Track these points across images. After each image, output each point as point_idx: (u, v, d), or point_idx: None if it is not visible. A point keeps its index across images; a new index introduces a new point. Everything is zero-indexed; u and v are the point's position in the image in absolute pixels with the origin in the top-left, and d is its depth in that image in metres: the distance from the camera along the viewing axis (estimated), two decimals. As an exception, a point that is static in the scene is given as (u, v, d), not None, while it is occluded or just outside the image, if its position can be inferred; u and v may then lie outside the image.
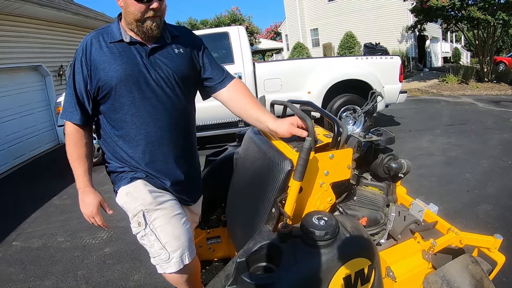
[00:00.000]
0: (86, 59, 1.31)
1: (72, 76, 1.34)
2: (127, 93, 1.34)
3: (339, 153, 1.18)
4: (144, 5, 1.26)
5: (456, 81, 12.62)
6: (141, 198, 1.35)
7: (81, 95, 1.34)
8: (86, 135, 1.39)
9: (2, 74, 6.10)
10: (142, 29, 1.31)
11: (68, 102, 1.36)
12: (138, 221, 1.34)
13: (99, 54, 1.32)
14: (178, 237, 1.36)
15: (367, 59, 5.93)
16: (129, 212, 1.36)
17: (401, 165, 1.57)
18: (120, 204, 1.40)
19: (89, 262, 2.82)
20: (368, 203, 1.58)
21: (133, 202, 1.35)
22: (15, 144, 6.28)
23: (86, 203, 1.39)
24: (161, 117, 1.39)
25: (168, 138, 1.42)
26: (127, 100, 1.35)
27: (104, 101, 1.36)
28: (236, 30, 5.61)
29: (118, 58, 1.32)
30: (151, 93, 1.36)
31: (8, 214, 4.08)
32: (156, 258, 1.37)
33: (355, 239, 1.00)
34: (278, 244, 0.95)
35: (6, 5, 5.70)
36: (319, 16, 22.01)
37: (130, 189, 1.37)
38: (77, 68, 1.33)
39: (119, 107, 1.35)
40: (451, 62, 21.83)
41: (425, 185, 3.85)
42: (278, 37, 31.74)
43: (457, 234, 1.55)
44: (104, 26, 1.42)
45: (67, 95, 1.36)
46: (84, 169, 1.38)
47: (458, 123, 6.73)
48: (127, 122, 1.37)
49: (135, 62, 1.34)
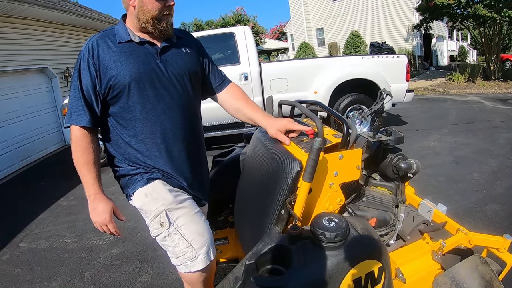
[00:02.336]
0: (93, 60, 1.29)
1: (77, 79, 1.31)
2: (141, 91, 1.33)
3: (349, 154, 1.16)
4: (162, 3, 1.29)
5: (462, 80, 12.53)
6: (161, 198, 1.33)
7: (89, 96, 1.31)
8: (94, 140, 1.36)
9: (9, 76, 6.15)
10: (159, 27, 1.33)
11: (74, 106, 1.31)
12: (161, 221, 1.32)
13: (109, 54, 1.30)
14: (202, 234, 1.36)
15: (373, 58, 5.89)
16: (149, 213, 1.33)
17: (410, 165, 1.56)
18: (139, 206, 1.37)
19: (96, 263, 2.83)
20: (377, 204, 1.56)
21: (153, 203, 1.33)
22: (22, 146, 6.32)
23: (98, 211, 1.34)
24: (175, 115, 1.40)
25: (182, 135, 1.43)
26: (141, 98, 1.34)
27: (115, 100, 1.34)
28: (242, 30, 5.60)
29: (130, 57, 1.32)
30: (164, 90, 1.37)
31: (15, 215, 4.10)
32: (181, 258, 1.34)
33: (365, 241, 0.98)
34: (288, 246, 0.94)
35: (12, 8, 5.74)
36: (324, 16, 21.94)
37: (149, 190, 1.35)
38: (84, 69, 1.30)
39: (133, 105, 1.34)
40: (457, 60, 21.67)
41: (433, 185, 3.81)
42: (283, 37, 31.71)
43: (466, 234, 1.54)
44: (106, 28, 1.41)
45: (73, 99, 1.32)
46: (93, 175, 1.33)
47: (466, 122, 6.66)
48: (142, 121, 1.36)
49: (148, 61, 1.35)
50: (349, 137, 1.18)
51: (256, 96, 5.57)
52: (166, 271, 2.60)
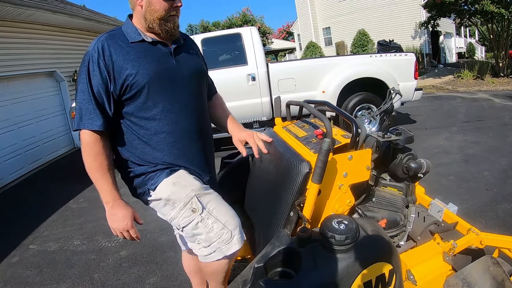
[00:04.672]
0: (105, 60, 1.26)
1: (86, 81, 1.26)
2: (161, 91, 1.33)
3: (358, 154, 1.15)
4: (169, 3, 1.29)
5: (471, 77, 12.37)
6: (190, 185, 1.33)
7: (101, 98, 1.27)
8: (107, 143, 1.32)
9: (18, 80, 6.23)
10: (165, 28, 1.32)
11: (84, 109, 1.26)
12: (193, 207, 1.30)
13: (122, 53, 1.28)
14: (233, 215, 1.35)
15: (381, 56, 5.84)
16: (179, 201, 1.31)
17: (421, 164, 1.54)
18: (166, 196, 1.32)
19: (105, 265, 2.84)
20: (387, 204, 1.54)
21: (183, 190, 1.31)
22: (32, 149, 6.38)
23: (118, 217, 1.29)
24: (191, 114, 1.41)
25: (198, 134, 1.44)
26: (160, 98, 1.33)
27: (132, 100, 1.31)
28: (249, 31, 5.59)
29: (146, 57, 1.31)
30: (181, 90, 1.38)
31: (25, 218, 4.14)
32: (215, 243, 1.31)
33: (376, 243, 0.97)
34: (297, 249, 0.93)
35: (20, 13, 5.81)
36: (331, 15, 21.85)
37: (176, 179, 1.33)
38: (94, 71, 1.26)
39: (152, 105, 1.32)
40: (466, 57, 21.44)
41: (443, 184, 3.76)
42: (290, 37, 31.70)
43: (478, 234, 1.53)
44: (111, 30, 1.38)
45: (82, 101, 1.27)
46: (110, 181, 1.29)
47: (475, 120, 6.57)
48: (162, 120, 1.34)
49: (165, 61, 1.35)
50: (358, 137, 1.16)
51: (264, 97, 5.56)
52: (175, 273, 2.60)
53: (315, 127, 1.41)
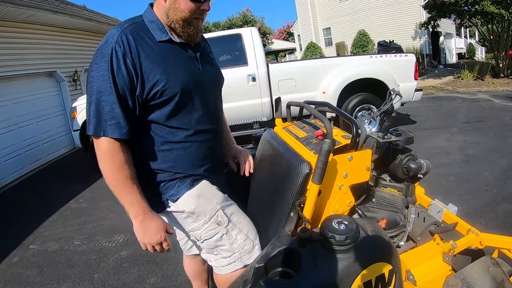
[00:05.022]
0: (132, 57, 1.11)
1: (109, 79, 1.08)
2: (191, 98, 1.24)
3: (358, 155, 1.15)
4: (196, 5, 1.17)
5: (471, 78, 12.38)
6: (215, 197, 1.27)
7: (126, 101, 1.12)
8: (129, 151, 1.18)
9: (18, 80, 6.24)
10: (188, 31, 1.22)
11: (106, 113, 1.09)
12: (218, 220, 1.25)
13: (151, 54, 1.15)
14: (253, 225, 1.34)
15: (381, 57, 5.85)
16: (204, 215, 1.25)
17: (421, 165, 1.54)
18: (190, 210, 1.25)
19: (105, 265, 2.85)
20: (387, 205, 1.54)
21: (208, 203, 1.25)
22: (32, 149, 6.40)
23: (151, 230, 1.18)
24: (216, 121, 1.38)
25: (219, 141, 1.42)
26: (190, 106, 1.24)
27: (158, 107, 1.19)
28: (249, 31, 5.60)
29: (175, 60, 1.21)
30: (207, 97, 1.31)
31: (25, 218, 4.15)
32: (237, 253, 1.28)
33: (376, 244, 0.98)
34: (297, 249, 0.93)
35: (20, 13, 5.81)
36: (332, 15, 21.87)
37: (200, 191, 1.26)
38: (119, 68, 1.09)
39: (180, 113, 1.22)
40: (466, 58, 21.45)
41: (443, 185, 3.77)
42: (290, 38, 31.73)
43: (477, 235, 1.52)
44: (133, 19, 1.22)
45: (102, 103, 1.09)
46: (138, 193, 1.16)
47: (475, 121, 6.58)
48: (188, 129, 1.25)
49: (192, 66, 1.26)
50: (359, 138, 1.17)
51: (264, 97, 5.57)
52: (175, 273, 2.61)
53: (316, 127, 1.42)
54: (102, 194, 4.60)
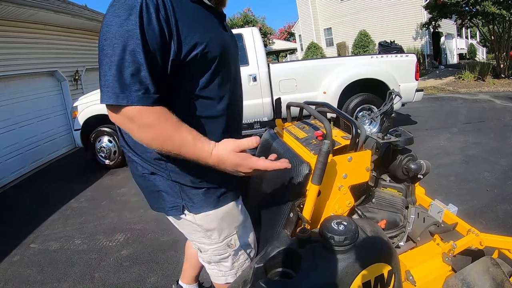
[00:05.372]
0: (166, 12, 0.91)
1: (138, 35, 0.87)
2: (226, 67, 1.09)
3: (358, 155, 1.16)
4: None
5: (472, 78, 12.37)
6: (236, 221, 1.19)
7: (157, 63, 0.92)
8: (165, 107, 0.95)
9: (19, 80, 6.24)
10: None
11: (131, 76, 0.87)
12: (230, 243, 1.19)
13: (186, 13, 0.97)
14: (255, 243, 1.30)
15: (382, 57, 5.86)
16: (219, 236, 1.16)
17: (420, 166, 1.55)
18: (207, 228, 1.14)
19: (106, 265, 2.85)
20: (387, 205, 1.55)
21: (227, 227, 1.17)
22: (33, 148, 6.40)
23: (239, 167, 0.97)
24: (241, 97, 1.25)
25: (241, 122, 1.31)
26: (226, 75, 1.10)
27: (193, 75, 1.01)
28: (250, 31, 5.60)
29: (207, 23, 1.05)
30: (235, 68, 1.18)
31: (26, 217, 4.15)
32: (235, 270, 1.26)
33: (375, 244, 0.98)
34: (297, 249, 0.94)
35: (21, 13, 5.82)
36: (332, 16, 21.89)
37: (225, 212, 1.15)
38: (150, 24, 0.88)
39: (217, 83, 1.06)
40: (467, 58, 21.44)
41: (443, 185, 3.76)
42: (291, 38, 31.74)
43: (477, 235, 1.52)
44: None
45: (127, 64, 0.87)
46: (195, 133, 0.95)
47: (476, 121, 6.58)
48: (224, 102, 1.10)
49: (222, 32, 1.12)
50: (358, 138, 1.17)
51: (265, 97, 5.57)
52: (175, 272, 2.61)
53: (315, 128, 1.42)
54: (102, 194, 4.61)
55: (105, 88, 0.88)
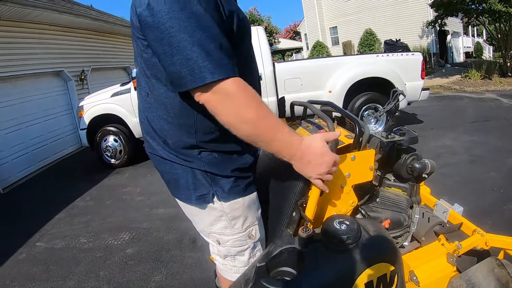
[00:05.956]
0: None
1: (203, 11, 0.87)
2: (249, 43, 1.07)
3: (361, 155, 1.15)
4: None
5: (479, 77, 12.26)
6: (257, 211, 1.21)
7: (224, 33, 0.92)
8: None
9: (26, 80, 6.30)
10: None
11: (215, 51, 0.87)
12: (251, 234, 1.19)
13: None
14: (264, 238, 1.29)
15: (387, 56, 5.84)
16: (242, 225, 1.17)
17: (425, 165, 1.53)
18: (233, 216, 1.14)
19: (111, 263, 2.87)
20: (391, 205, 1.54)
21: (251, 217, 1.18)
22: (39, 148, 6.46)
23: (324, 156, 0.96)
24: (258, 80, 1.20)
25: None
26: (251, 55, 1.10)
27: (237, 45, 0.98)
28: (255, 30, 5.59)
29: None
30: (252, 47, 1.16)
31: (32, 216, 4.19)
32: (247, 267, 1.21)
33: (378, 244, 0.98)
34: (299, 248, 0.93)
35: (27, 13, 5.87)
36: (338, 14, 21.84)
37: (251, 201, 1.17)
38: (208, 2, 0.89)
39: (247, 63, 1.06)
40: (473, 57, 21.26)
41: (449, 185, 3.73)
42: (297, 37, 31.68)
43: (483, 236, 1.50)
44: None
45: (206, 40, 0.86)
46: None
47: (482, 120, 6.52)
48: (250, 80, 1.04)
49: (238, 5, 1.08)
50: (362, 137, 1.16)
51: (270, 96, 5.57)
52: (180, 271, 2.63)
53: (319, 127, 1.42)
54: (108, 193, 4.64)
55: (196, 70, 0.86)
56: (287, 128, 0.96)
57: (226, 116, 0.92)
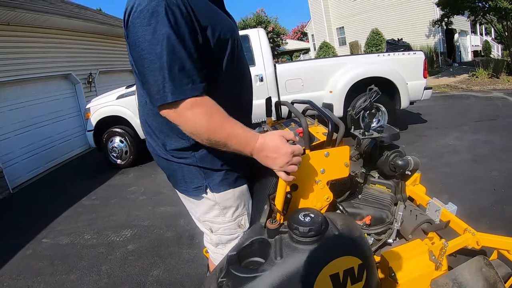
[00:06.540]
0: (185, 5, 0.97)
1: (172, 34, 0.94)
2: (237, 56, 1.13)
3: (335, 151, 1.18)
4: None
5: (486, 76, 12.08)
6: (247, 203, 1.30)
7: (193, 53, 0.98)
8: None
9: (35, 83, 6.46)
10: None
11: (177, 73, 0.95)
12: (241, 223, 1.28)
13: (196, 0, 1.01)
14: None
15: (389, 55, 5.80)
16: (232, 214, 1.25)
17: (407, 162, 1.55)
18: (225, 205, 1.23)
19: (112, 258, 2.96)
20: (373, 202, 1.56)
21: (241, 207, 1.27)
22: (48, 149, 6.61)
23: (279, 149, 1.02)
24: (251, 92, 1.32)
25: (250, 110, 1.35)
26: (237, 65, 1.15)
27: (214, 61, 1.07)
28: (256, 32, 5.64)
29: (214, 8, 1.10)
30: (244, 57, 1.24)
31: (40, 214, 4.32)
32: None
33: (344, 237, 1.00)
34: (267, 238, 0.98)
35: (36, 18, 6.03)
36: (345, 15, 21.74)
37: (241, 192, 1.27)
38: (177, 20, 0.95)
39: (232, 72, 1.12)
40: (482, 55, 20.93)
41: (449, 184, 3.71)
42: (305, 38, 31.59)
43: (474, 235, 1.50)
44: None
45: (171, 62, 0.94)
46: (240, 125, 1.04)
47: (488, 119, 6.44)
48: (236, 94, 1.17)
49: (228, 20, 1.15)
50: (337, 134, 1.20)
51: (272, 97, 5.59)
52: (177, 266, 2.70)
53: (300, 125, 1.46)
54: (113, 192, 4.75)
55: (161, 90, 0.96)
56: (241, 130, 1.03)
57: (184, 129, 1.02)
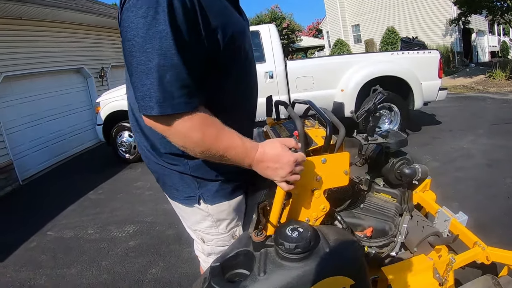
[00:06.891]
0: (192, 1, 0.83)
1: (170, 35, 0.79)
2: (245, 57, 1.04)
3: (333, 157, 1.07)
4: None
5: (503, 77, 11.68)
6: (242, 214, 1.22)
7: (192, 60, 0.85)
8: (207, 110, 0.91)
9: (47, 76, 6.51)
10: None
11: (169, 82, 0.81)
12: (235, 234, 1.21)
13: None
14: None
15: (403, 54, 5.62)
16: (226, 226, 1.18)
17: (415, 171, 1.43)
18: (218, 218, 1.16)
19: (113, 254, 2.97)
20: (376, 212, 1.46)
21: (236, 218, 1.19)
22: (58, 142, 6.67)
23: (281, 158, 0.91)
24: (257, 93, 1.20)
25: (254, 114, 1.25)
26: (246, 67, 1.05)
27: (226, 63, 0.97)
28: (267, 28, 5.55)
29: (227, 6, 0.98)
30: (253, 59, 1.14)
31: (46, 207, 4.36)
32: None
33: (335, 255, 0.92)
34: (252, 251, 0.91)
35: (47, 13, 6.06)
36: (360, 12, 21.39)
37: (237, 205, 1.18)
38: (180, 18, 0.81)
39: (240, 76, 1.02)
40: (499, 56, 20.35)
41: (460, 190, 3.57)
42: (320, 35, 31.25)
43: (484, 249, 1.41)
44: None
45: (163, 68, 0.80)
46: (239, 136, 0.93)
47: (504, 122, 6.22)
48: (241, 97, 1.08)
49: (238, 17, 1.04)
50: (337, 139, 1.12)
51: (281, 95, 5.51)
52: (176, 264, 2.68)
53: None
54: (120, 187, 4.76)
55: (146, 98, 0.82)
56: (239, 141, 0.92)
57: (174, 143, 0.91)
